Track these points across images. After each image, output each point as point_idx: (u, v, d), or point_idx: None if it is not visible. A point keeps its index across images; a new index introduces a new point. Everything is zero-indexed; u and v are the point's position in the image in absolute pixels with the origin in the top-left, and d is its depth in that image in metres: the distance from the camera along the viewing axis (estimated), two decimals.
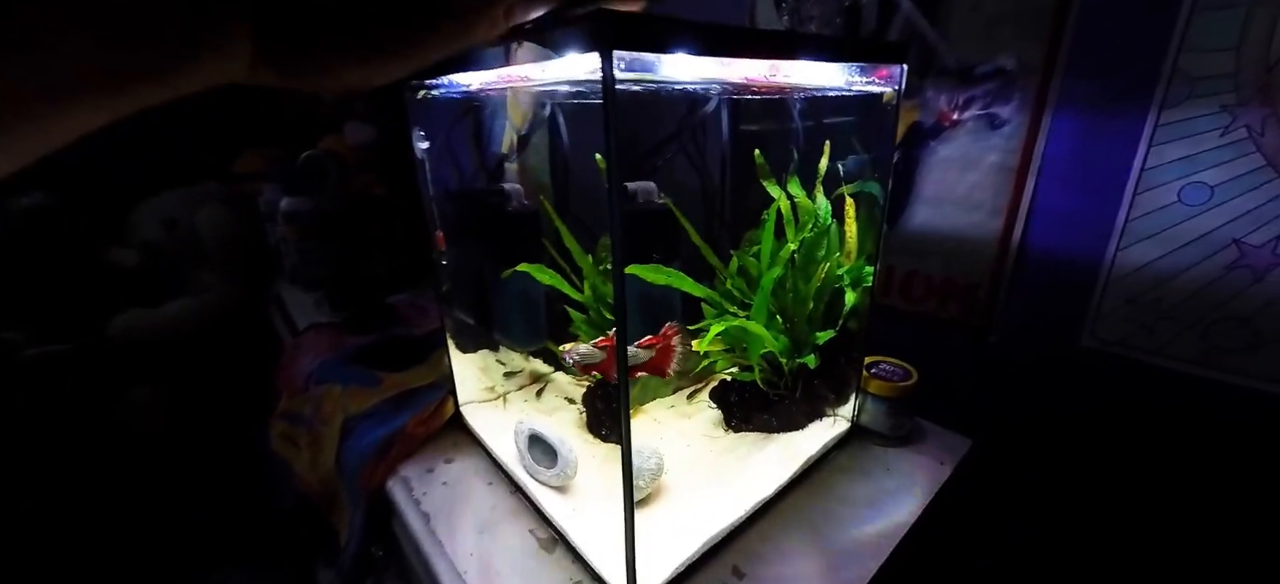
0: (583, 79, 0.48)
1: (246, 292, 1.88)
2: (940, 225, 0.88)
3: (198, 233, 1.86)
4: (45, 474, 1.53)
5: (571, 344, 0.70)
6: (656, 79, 0.46)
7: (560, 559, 0.63)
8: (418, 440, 0.82)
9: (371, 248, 1.60)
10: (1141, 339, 0.73)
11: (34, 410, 1.56)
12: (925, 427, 0.84)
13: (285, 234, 1.57)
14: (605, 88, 0.37)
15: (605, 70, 0.37)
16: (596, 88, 0.39)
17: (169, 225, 1.92)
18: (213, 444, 1.74)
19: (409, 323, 1.25)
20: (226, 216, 1.86)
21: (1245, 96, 0.62)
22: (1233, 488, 0.71)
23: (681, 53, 0.41)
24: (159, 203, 1.93)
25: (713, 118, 0.88)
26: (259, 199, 1.73)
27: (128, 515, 1.57)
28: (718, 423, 0.82)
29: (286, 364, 1.17)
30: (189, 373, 1.79)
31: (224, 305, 1.87)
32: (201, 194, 1.93)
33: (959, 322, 0.89)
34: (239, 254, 1.86)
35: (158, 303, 1.83)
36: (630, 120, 0.79)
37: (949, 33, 0.81)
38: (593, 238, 0.80)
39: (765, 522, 0.68)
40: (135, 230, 1.94)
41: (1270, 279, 0.64)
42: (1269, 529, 0.69)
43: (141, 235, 1.93)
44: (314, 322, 1.29)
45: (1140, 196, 0.70)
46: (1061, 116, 0.74)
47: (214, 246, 1.85)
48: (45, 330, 1.71)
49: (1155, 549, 0.78)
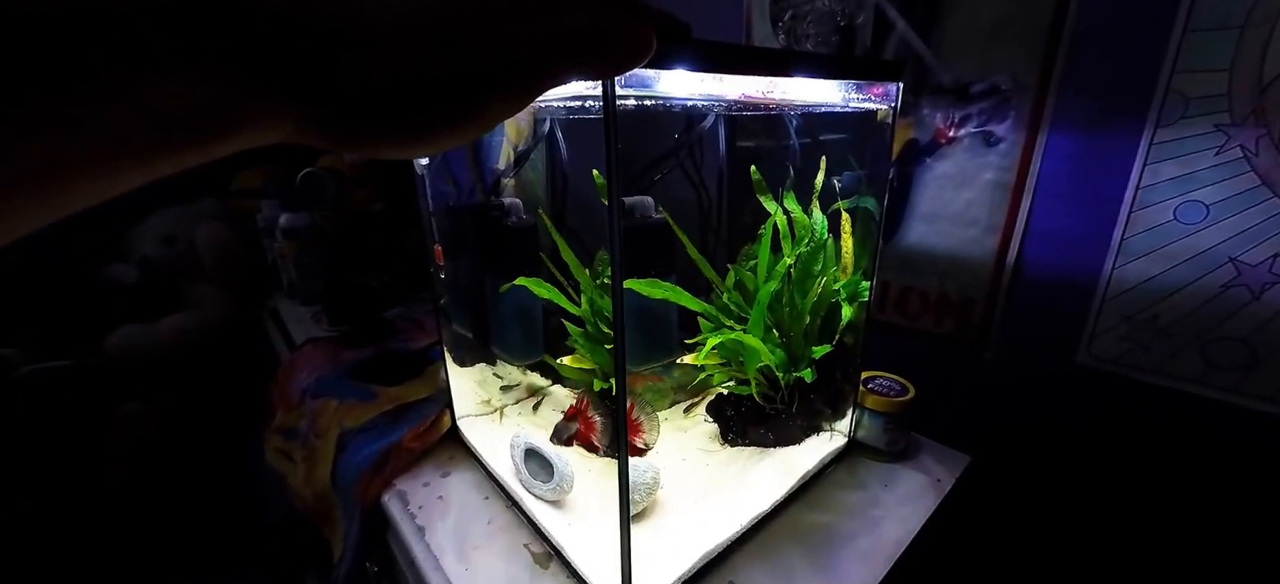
0: (582, 95, 0.48)
1: (244, 307, 1.87)
2: (936, 242, 0.88)
3: (196, 249, 1.86)
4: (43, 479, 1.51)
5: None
6: (654, 95, 0.47)
7: (555, 574, 0.63)
8: (414, 454, 0.81)
9: (369, 263, 1.60)
10: (1139, 357, 0.73)
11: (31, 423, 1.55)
12: (922, 442, 0.84)
13: (283, 250, 1.57)
14: (606, 103, 0.38)
15: (606, 87, 0.37)
16: (594, 103, 0.39)
17: (168, 241, 1.92)
18: (208, 458, 1.73)
19: (406, 337, 1.25)
20: (225, 233, 1.86)
21: (1239, 116, 0.62)
22: (1231, 508, 0.70)
23: (680, 69, 0.41)
24: (158, 219, 1.93)
25: (710, 134, 0.89)
26: (258, 215, 1.73)
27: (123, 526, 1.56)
28: (714, 437, 0.82)
29: (282, 378, 1.16)
30: (186, 387, 1.78)
31: (221, 320, 1.86)
32: (200, 211, 1.94)
33: (955, 338, 0.89)
34: (237, 270, 1.86)
35: (156, 318, 1.83)
36: (628, 136, 0.80)
37: (943, 51, 0.82)
38: (589, 252, 0.80)
39: (762, 537, 0.67)
40: (134, 246, 1.94)
41: (1267, 298, 0.64)
42: (1265, 550, 0.68)
43: (140, 251, 1.93)
44: (311, 336, 1.29)
45: (1136, 214, 0.71)
46: (1057, 135, 0.75)
47: (212, 262, 1.85)
48: (43, 346, 1.70)
49: (1153, 567, 0.77)
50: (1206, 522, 0.72)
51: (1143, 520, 0.77)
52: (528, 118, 0.84)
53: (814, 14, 0.62)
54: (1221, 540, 0.71)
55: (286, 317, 1.52)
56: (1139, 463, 0.76)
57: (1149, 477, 0.75)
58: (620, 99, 0.41)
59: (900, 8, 0.84)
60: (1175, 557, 0.75)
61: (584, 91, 0.45)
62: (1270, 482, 0.67)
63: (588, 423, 0.67)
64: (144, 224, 1.94)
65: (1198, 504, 0.72)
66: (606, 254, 0.75)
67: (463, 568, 0.64)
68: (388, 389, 0.97)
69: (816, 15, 0.62)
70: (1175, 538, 0.75)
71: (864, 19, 0.88)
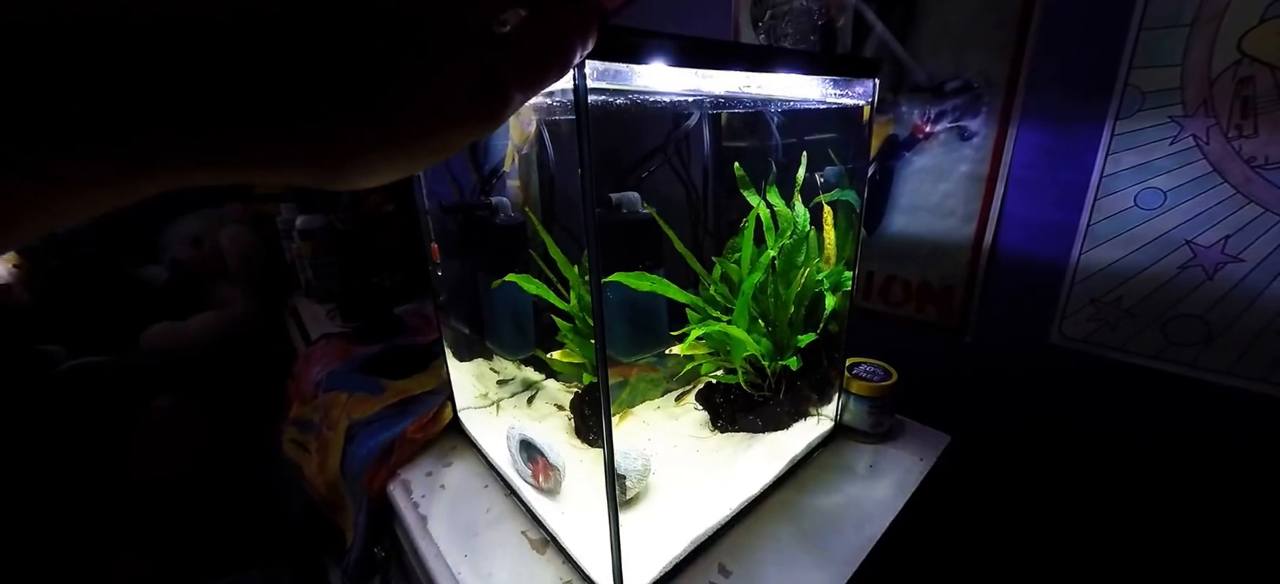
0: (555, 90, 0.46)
1: (265, 304, 1.86)
2: (917, 232, 0.86)
3: (221, 250, 1.84)
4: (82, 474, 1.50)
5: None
6: (631, 89, 0.44)
7: (551, 560, 0.61)
8: (417, 445, 0.79)
9: (381, 262, 1.58)
10: (1105, 336, 0.72)
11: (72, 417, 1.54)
12: (906, 424, 0.82)
13: (300, 250, 1.55)
14: (577, 94, 0.35)
15: (576, 78, 0.34)
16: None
17: (196, 243, 1.91)
18: (233, 449, 1.72)
19: (415, 332, 1.23)
20: (247, 235, 1.84)
21: (1191, 108, 0.62)
22: (1196, 478, 0.69)
23: (654, 63, 0.39)
24: (187, 222, 1.93)
25: (695, 131, 0.86)
26: (277, 218, 1.71)
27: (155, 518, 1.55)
28: (704, 424, 0.80)
29: (298, 373, 1.15)
30: (213, 381, 1.77)
31: (245, 318, 1.85)
32: (225, 214, 1.92)
33: (937, 323, 0.87)
34: (258, 269, 1.84)
35: (185, 316, 1.81)
36: (615, 134, 0.77)
37: (919, 51, 0.79)
38: (580, 248, 0.77)
39: (752, 519, 0.65)
40: (165, 248, 1.93)
41: (1219, 277, 0.63)
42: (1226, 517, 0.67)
43: (171, 253, 1.92)
44: (325, 332, 1.27)
45: (1100, 202, 0.69)
46: (1026, 128, 0.73)
47: (236, 263, 1.84)
48: (83, 343, 1.69)
49: (1127, 537, 0.75)
50: (1174, 491, 0.71)
51: (1117, 495, 0.75)
52: (532, 120, 0.81)
53: (792, 14, 0.59)
54: (1188, 508, 0.70)
55: (304, 314, 1.51)
56: (1111, 437, 0.74)
57: (1121, 451, 0.73)
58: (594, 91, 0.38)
59: (878, 10, 0.82)
60: (1147, 526, 0.73)
61: (558, 86, 0.42)
62: (1227, 451, 0.66)
63: (536, 466, 0.66)
64: (174, 227, 1.93)
65: (1165, 475, 0.71)
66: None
67: (463, 554, 0.62)
68: (394, 383, 0.95)
69: (794, 15, 0.60)
70: (1145, 510, 0.73)
71: (844, 21, 0.85)
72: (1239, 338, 0.63)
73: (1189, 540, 0.70)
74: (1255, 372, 0.63)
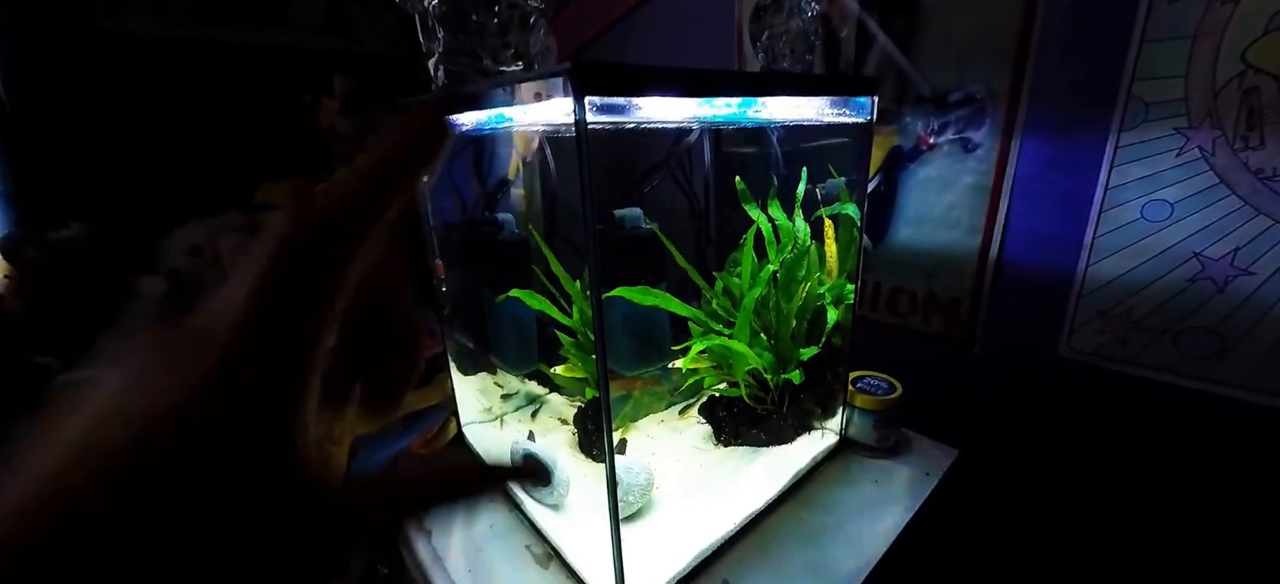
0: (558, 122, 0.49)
1: None
2: (922, 243, 0.88)
3: (220, 260, 1.87)
4: None
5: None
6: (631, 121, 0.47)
7: (555, 574, 0.63)
8: (422, 460, 0.82)
9: None
10: (1115, 349, 0.73)
11: None
12: (912, 437, 0.83)
13: None
14: (578, 129, 0.38)
15: (577, 113, 0.37)
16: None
17: (194, 253, 1.94)
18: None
19: None
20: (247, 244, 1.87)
21: (1196, 120, 0.63)
22: (1208, 492, 0.70)
23: (653, 96, 0.41)
24: (186, 232, 1.96)
25: (696, 147, 0.89)
26: None
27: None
28: (708, 438, 0.82)
29: None
30: None
31: None
32: (224, 223, 1.95)
33: (943, 335, 0.89)
34: None
35: None
36: (618, 151, 0.80)
37: (922, 63, 0.82)
38: (583, 263, 0.80)
39: (755, 534, 0.67)
40: (164, 258, 1.96)
41: (1230, 290, 0.64)
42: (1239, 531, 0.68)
43: (169, 263, 1.95)
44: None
45: (1106, 214, 0.71)
46: (1030, 140, 0.75)
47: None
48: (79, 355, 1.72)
49: (1141, 557, 0.77)
50: (1185, 505, 0.72)
51: (1128, 510, 0.76)
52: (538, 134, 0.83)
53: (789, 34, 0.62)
54: (1200, 522, 0.71)
55: None
56: (1122, 451, 0.75)
57: (1132, 465, 0.75)
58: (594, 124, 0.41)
59: (881, 22, 0.84)
60: (1158, 539, 0.74)
61: (561, 119, 0.45)
62: (1242, 466, 0.67)
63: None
64: (172, 237, 1.96)
65: (1177, 490, 0.72)
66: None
67: (467, 569, 0.64)
68: None
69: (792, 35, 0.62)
70: (1158, 523, 0.74)
71: (847, 32, 0.88)
72: (1253, 351, 0.64)
73: (1205, 559, 0.71)
74: (1270, 386, 0.64)
